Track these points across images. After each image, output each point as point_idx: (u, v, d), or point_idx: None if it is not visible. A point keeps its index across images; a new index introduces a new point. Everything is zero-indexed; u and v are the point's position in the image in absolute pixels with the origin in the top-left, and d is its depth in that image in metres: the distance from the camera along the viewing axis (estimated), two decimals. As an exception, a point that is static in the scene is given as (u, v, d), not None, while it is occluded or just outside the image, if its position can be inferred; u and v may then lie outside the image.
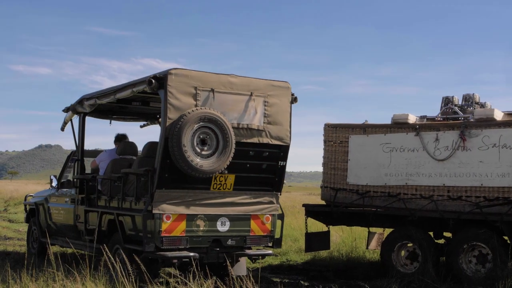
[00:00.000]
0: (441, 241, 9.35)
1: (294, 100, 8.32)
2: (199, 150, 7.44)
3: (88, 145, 10.11)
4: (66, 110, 9.86)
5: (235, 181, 7.93)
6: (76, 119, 9.78)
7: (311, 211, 10.57)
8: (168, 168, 7.44)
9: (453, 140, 8.85)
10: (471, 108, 9.56)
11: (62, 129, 10.42)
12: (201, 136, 7.46)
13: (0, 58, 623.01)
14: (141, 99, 9.54)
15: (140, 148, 9.39)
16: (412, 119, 9.48)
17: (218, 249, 7.93)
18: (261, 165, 8.10)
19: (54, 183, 10.66)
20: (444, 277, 8.59)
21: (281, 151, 8.20)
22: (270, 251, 8.55)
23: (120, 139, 9.78)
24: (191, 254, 7.63)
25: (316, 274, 9.94)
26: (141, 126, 11.25)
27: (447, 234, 9.39)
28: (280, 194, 8.44)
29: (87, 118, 9.77)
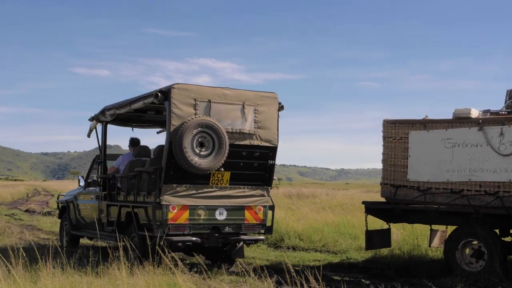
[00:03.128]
0: (508, 238, 9.16)
1: (281, 108, 9.68)
2: (198, 151, 8.85)
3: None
4: (91, 119, 11.31)
5: (231, 177, 9.30)
6: (99, 127, 11.29)
7: (371, 208, 10.40)
8: (173, 167, 8.85)
9: None
10: (537, 101, 9.33)
11: (88, 135, 11.82)
12: (199, 140, 8.86)
13: (62, 61, 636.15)
14: (156, 109, 11.01)
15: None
16: (474, 113, 9.17)
17: (217, 235, 9.31)
18: (253, 163, 9.45)
19: (82, 183, 12.16)
20: (512, 276, 8.41)
21: (270, 151, 9.56)
22: (262, 237, 9.92)
23: (136, 143, 11.25)
24: (194, 238, 9.07)
25: (377, 272, 9.83)
26: (158, 132, 12.64)
27: (515, 232, 9.24)
28: (271, 188, 9.78)
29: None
